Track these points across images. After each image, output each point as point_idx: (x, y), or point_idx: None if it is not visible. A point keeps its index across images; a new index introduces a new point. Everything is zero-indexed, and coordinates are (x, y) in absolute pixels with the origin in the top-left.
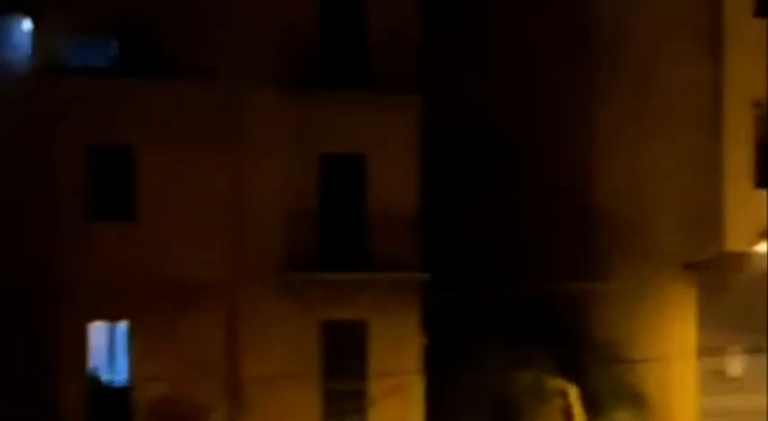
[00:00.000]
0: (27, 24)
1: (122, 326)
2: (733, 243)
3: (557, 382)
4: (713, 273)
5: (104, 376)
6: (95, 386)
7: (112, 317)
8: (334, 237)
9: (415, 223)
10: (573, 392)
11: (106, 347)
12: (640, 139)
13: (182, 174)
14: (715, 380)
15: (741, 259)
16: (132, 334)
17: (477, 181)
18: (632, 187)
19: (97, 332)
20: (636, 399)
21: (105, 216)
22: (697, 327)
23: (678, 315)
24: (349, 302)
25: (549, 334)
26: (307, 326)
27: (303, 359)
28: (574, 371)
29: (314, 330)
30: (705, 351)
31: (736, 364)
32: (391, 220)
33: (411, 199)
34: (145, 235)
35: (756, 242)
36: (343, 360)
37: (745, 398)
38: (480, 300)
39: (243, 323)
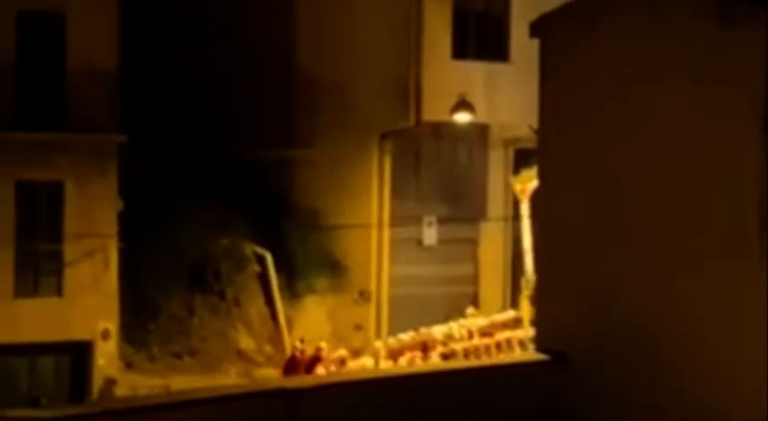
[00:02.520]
0: None
1: None
2: (429, 113)
3: (254, 248)
4: (409, 142)
5: None
6: None
7: None
8: (31, 96)
9: (114, 82)
10: (269, 258)
11: None
12: (343, 4)
13: None
14: (411, 248)
15: (436, 129)
16: None
17: (176, 40)
18: (336, 55)
19: None
20: (334, 266)
21: None
22: (393, 197)
23: (376, 184)
24: (45, 163)
25: (250, 201)
26: (2, 187)
27: None
28: (273, 238)
29: (9, 190)
30: (401, 220)
31: (431, 234)
32: (90, 79)
33: (111, 57)
34: None
35: (451, 113)
36: (38, 221)
37: (438, 267)
38: (181, 165)
39: None
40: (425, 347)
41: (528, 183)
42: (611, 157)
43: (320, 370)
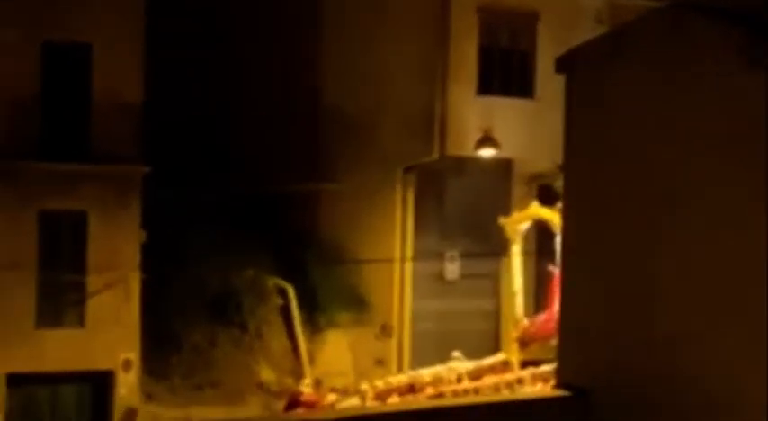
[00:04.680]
0: None
1: None
2: (453, 148)
3: (276, 281)
4: (433, 176)
5: None
6: None
7: None
8: (56, 126)
9: (139, 114)
10: (291, 291)
11: None
12: (369, 41)
13: None
14: (433, 283)
15: (460, 164)
16: None
17: (203, 73)
18: (361, 89)
19: None
20: (356, 300)
21: None
22: (416, 231)
23: (399, 218)
24: (69, 193)
25: (273, 234)
26: (24, 216)
27: (20, 249)
28: (296, 272)
29: (32, 220)
30: (424, 255)
31: (453, 268)
32: (115, 111)
33: (136, 89)
34: None
35: (476, 148)
36: (62, 252)
37: (460, 301)
38: (205, 197)
39: None
40: (413, 389)
41: (518, 223)
42: (638, 192)
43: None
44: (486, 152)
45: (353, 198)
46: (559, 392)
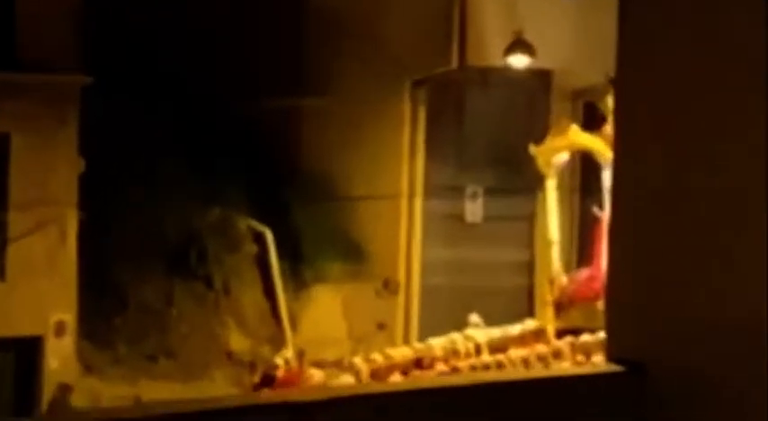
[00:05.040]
0: None
1: None
2: (476, 55)
3: (250, 223)
4: (450, 91)
5: None
6: None
7: None
8: None
9: (78, 14)
10: (269, 236)
11: None
12: None
13: None
14: (449, 226)
15: (485, 75)
16: None
17: None
18: None
19: None
20: (351, 248)
21: None
22: (428, 160)
23: (407, 144)
24: None
25: (245, 161)
26: None
27: None
28: (274, 211)
29: None
30: (438, 191)
31: (475, 208)
32: (48, 10)
33: None
34: None
35: (504, 55)
36: None
37: (484, 251)
38: (159, 114)
39: None
40: (421, 365)
41: (553, 154)
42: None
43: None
44: (519, 61)
45: (347, 117)
46: (609, 367)
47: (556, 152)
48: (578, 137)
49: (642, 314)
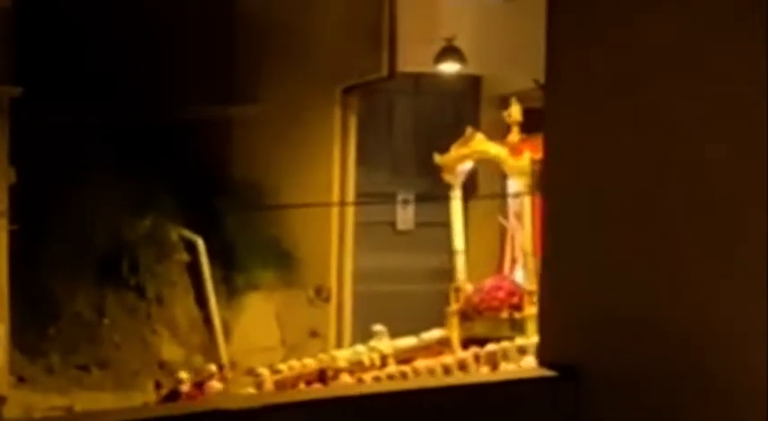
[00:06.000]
0: None
1: None
2: (406, 61)
3: (181, 232)
4: (380, 98)
5: None
6: None
7: None
8: None
9: (7, 21)
10: (201, 244)
11: None
12: None
13: None
14: (381, 233)
15: (415, 82)
16: None
17: None
18: None
19: None
20: (283, 255)
21: None
22: (359, 167)
23: (337, 151)
24: None
25: (176, 170)
26: None
27: None
28: (206, 220)
29: None
30: (370, 198)
31: (407, 215)
32: None
33: None
34: None
35: (435, 61)
36: None
37: (416, 257)
38: (90, 123)
39: None
40: (324, 377)
41: (458, 163)
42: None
43: None
44: (449, 67)
45: (278, 125)
46: (541, 372)
47: (460, 161)
48: (482, 145)
49: (575, 316)
